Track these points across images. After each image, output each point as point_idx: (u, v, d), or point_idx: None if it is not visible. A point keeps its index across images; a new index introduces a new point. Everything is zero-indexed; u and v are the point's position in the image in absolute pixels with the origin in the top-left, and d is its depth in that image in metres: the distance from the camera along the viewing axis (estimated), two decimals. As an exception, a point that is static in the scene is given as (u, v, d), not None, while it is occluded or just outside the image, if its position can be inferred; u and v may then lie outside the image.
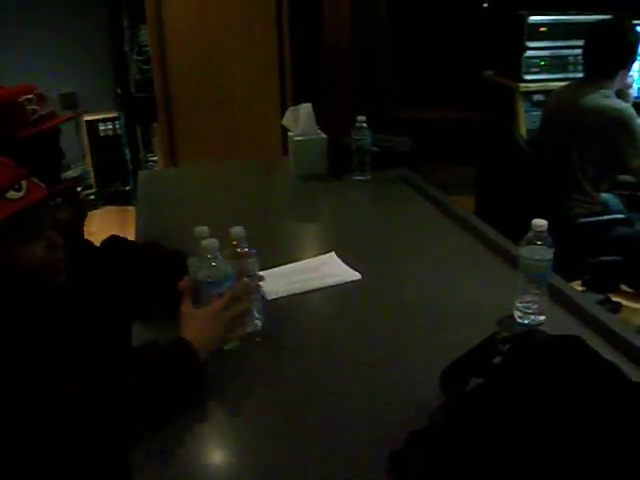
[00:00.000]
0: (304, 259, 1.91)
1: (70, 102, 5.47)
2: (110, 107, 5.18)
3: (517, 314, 1.54)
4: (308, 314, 1.66)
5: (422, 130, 4.86)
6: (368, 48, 5.51)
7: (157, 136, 4.50)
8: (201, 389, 1.28)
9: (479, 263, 1.87)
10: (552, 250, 1.47)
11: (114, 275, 1.64)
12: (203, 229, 1.49)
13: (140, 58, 4.50)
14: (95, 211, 5.34)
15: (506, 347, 1.12)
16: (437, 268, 1.86)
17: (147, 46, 4.17)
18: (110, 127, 5.42)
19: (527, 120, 3.68)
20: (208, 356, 1.32)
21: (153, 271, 1.64)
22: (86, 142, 5.49)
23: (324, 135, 2.67)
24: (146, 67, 4.37)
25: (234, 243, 1.45)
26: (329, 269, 1.84)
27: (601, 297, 3.15)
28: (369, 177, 2.60)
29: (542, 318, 1.51)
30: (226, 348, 1.41)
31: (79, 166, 5.68)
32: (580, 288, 3.17)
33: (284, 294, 1.71)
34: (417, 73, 5.61)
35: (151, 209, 2.43)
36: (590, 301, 1.63)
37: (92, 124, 5.40)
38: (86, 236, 1.90)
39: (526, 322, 1.52)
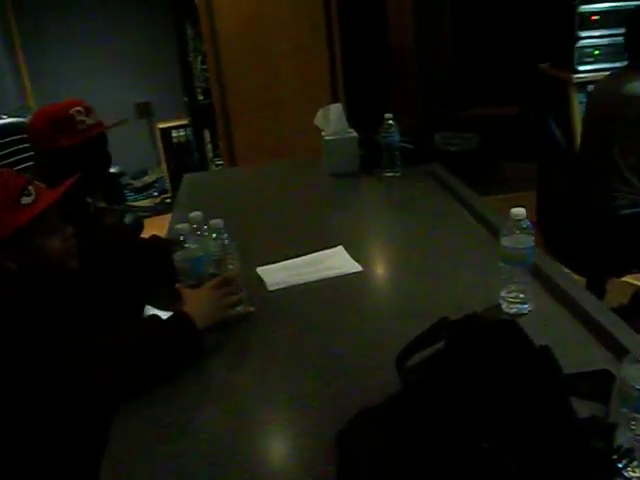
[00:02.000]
0: (314, 253, 1.96)
1: (145, 111, 5.77)
2: (181, 114, 5.40)
3: (504, 304, 1.54)
4: (303, 302, 1.71)
5: (486, 128, 4.83)
6: (433, 50, 5.51)
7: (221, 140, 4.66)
8: (200, 354, 1.45)
9: (487, 257, 1.87)
10: (532, 238, 1.46)
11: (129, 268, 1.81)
12: (197, 214, 1.65)
13: (203, 67, 4.67)
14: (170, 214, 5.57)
15: (448, 332, 1.14)
16: (442, 261, 1.87)
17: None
18: (182, 134, 5.65)
19: (582, 111, 3.57)
20: (206, 326, 1.48)
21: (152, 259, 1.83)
22: (161, 149, 5.76)
23: (355, 133, 2.71)
24: (209, 75, 4.53)
25: (213, 235, 1.55)
26: (332, 262, 1.89)
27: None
28: (398, 173, 2.62)
29: (527, 306, 1.51)
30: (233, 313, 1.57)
31: (155, 172, 5.96)
32: (636, 281, 3.08)
33: (284, 285, 1.78)
34: (478, 73, 5.56)
35: (188, 208, 2.55)
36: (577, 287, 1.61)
37: (166, 131, 5.66)
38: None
39: (512, 311, 1.52)
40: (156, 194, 5.90)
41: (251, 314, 1.62)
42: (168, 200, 5.78)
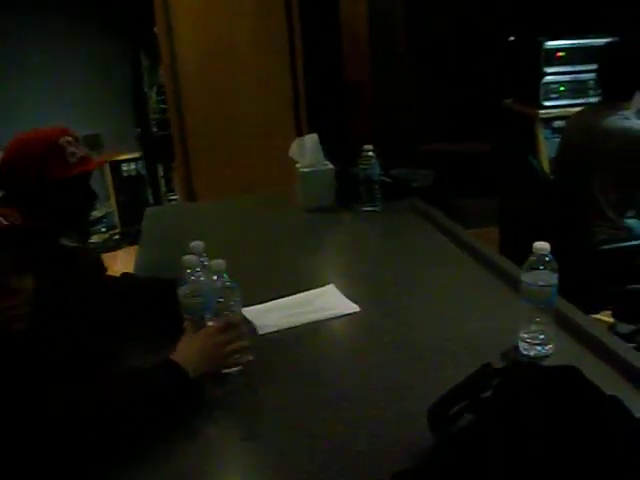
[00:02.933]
0: (303, 292, 1.82)
1: (95, 143, 5.52)
2: (132, 147, 5.22)
3: (522, 345, 1.43)
4: (300, 347, 1.56)
5: (443, 163, 4.81)
6: (388, 82, 5.50)
7: (176, 175, 4.50)
8: (190, 406, 1.28)
9: (486, 293, 1.77)
10: (556, 275, 1.37)
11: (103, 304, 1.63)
12: (198, 243, 1.52)
13: (159, 98, 4.54)
14: (119, 251, 5.34)
15: (496, 380, 1.02)
16: (441, 299, 1.76)
17: (165, 85, 4.19)
18: (133, 167, 5.45)
19: (548, 147, 3.57)
20: (199, 376, 1.31)
21: (140, 297, 1.66)
22: (110, 183, 5.53)
23: (331, 166, 2.60)
24: (165, 106, 4.39)
25: (214, 277, 1.39)
26: (326, 302, 1.75)
27: (632, 328, 3.00)
28: (378, 208, 2.52)
29: (549, 348, 1.40)
30: (226, 371, 1.40)
31: (104, 207, 5.72)
32: (609, 319, 3.03)
33: (276, 328, 1.63)
34: (437, 107, 5.58)
35: (153, 244, 2.39)
36: (601, 329, 1.52)
37: (115, 165, 5.44)
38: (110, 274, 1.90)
39: (532, 354, 1.41)
40: (104, 230, 5.64)
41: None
42: (117, 236, 5.55)
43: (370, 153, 2.48)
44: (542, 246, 1.36)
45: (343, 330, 1.67)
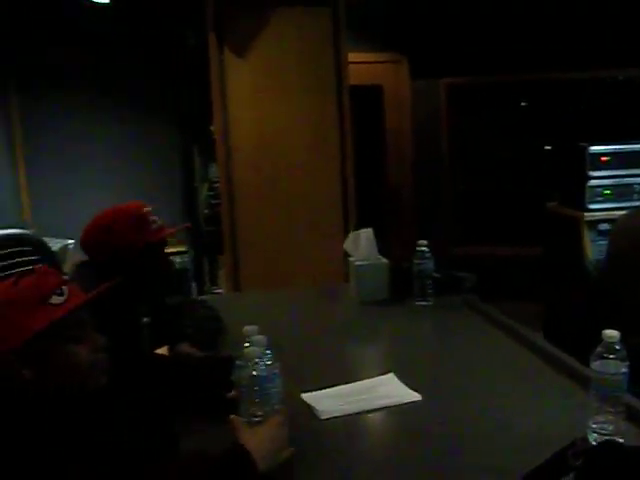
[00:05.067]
0: (362, 380, 1.84)
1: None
2: (179, 241, 5.34)
3: (592, 437, 1.41)
4: (362, 434, 1.58)
5: (483, 267, 4.85)
6: (430, 185, 5.65)
7: (223, 269, 4.59)
8: None
9: (547, 385, 1.77)
10: (626, 363, 1.37)
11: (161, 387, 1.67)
12: (252, 328, 1.49)
13: (210, 193, 4.70)
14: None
15: (579, 462, 1.02)
16: (502, 391, 1.76)
17: (217, 182, 4.35)
18: (179, 260, 5.57)
19: (594, 250, 3.59)
20: (267, 470, 1.27)
21: (195, 380, 1.70)
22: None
23: (385, 260, 2.66)
24: (215, 202, 4.54)
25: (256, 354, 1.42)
26: (387, 390, 1.76)
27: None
28: (431, 302, 2.54)
29: (619, 440, 1.39)
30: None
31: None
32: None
33: (338, 414, 1.64)
34: (479, 212, 5.69)
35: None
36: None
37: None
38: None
39: (602, 445, 1.39)
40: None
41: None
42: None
43: (424, 248, 2.53)
44: (612, 334, 1.38)
45: (405, 418, 1.66)
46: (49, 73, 4.99)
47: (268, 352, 1.47)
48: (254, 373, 1.41)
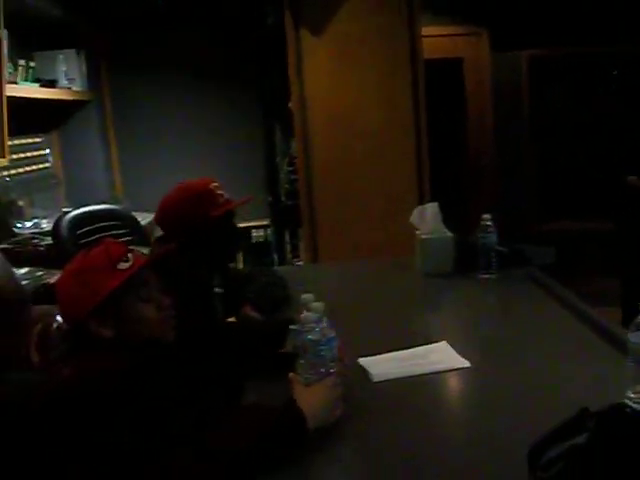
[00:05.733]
0: (417, 347, 1.93)
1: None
2: (262, 215, 5.52)
3: (629, 405, 1.46)
4: (411, 395, 1.67)
5: (563, 242, 4.79)
6: (510, 156, 5.58)
7: (302, 241, 4.73)
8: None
9: (599, 358, 1.80)
10: (665, 335, 1.40)
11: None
12: (309, 295, 1.60)
13: (290, 168, 4.83)
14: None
15: (593, 423, 1.08)
16: (553, 361, 1.80)
17: (296, 157, 4.46)
18: (262, 234, 5.76)
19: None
20: (316, 427, 1.37)
21: (253, 340, 1.84)
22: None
23: (450, 233, 2.72)
24: (295, 177, 4.66)
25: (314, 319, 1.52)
26: (438, 356, 1.85)
27: None
28: (495, 275, 2.59)
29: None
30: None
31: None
32: None
33: (391, 377, 1.74)
34: (559, 186, 5.59)
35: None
36: None
37: (246, 230, 5.78)
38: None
39: (639, 414, 1.44)
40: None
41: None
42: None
43: (488, 222, 2.57)
44: (648, 306, 1.41)
45: (453, 383, 1.75)
46: (137, 55, 5.26)
47: (324, 318, 1.57)
48: (310, 337, 1.51)
